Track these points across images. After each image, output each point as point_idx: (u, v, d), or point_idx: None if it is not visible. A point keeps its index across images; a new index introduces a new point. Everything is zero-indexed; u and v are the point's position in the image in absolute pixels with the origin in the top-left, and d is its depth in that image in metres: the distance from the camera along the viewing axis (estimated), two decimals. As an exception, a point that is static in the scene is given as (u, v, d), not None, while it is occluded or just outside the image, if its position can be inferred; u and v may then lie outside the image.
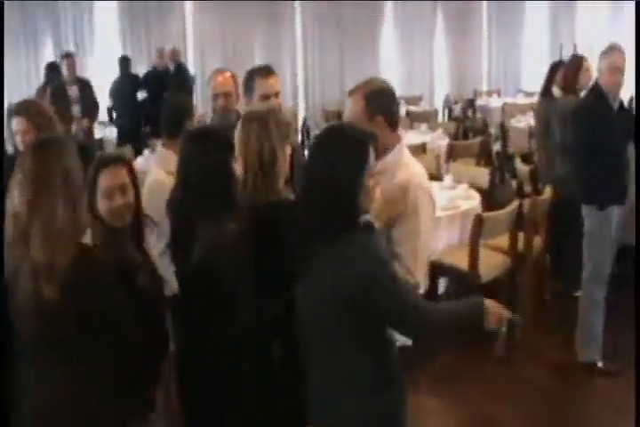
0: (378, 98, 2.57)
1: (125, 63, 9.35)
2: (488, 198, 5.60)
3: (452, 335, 2.56)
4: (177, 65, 9.67)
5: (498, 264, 4.58)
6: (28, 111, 3.22)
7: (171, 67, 9.64)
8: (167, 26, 11.05)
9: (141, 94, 9.17)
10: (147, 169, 3.74)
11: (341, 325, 2.08)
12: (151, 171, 3.34)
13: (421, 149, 6.75)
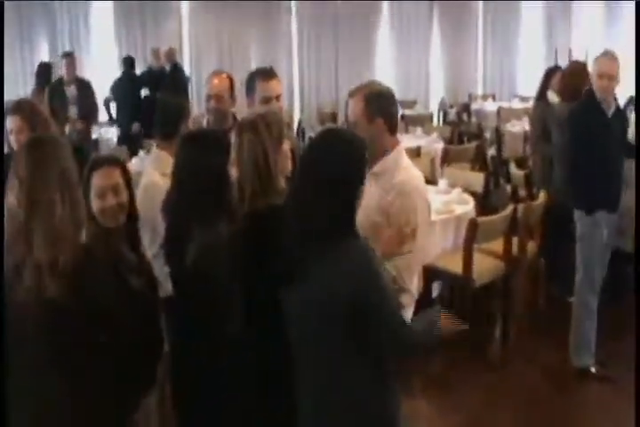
0: (377, 100, 2.57)
1: (128, 63, 9.27)
2: (482, 203, 5.60)
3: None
4: (173, 65, 9.61)
5: (492, 269, 4.57)
6: (23, 110, 3.21)
7: (166, 67, 9.59)
8: (163, 26, 11.06)
9: (145, 91, 9.13)
10: (141, 170, 3.73)
11: (333, 328, 2.06)
12: (146, 172, 3.32)
13: (416, 153, 6.75)
